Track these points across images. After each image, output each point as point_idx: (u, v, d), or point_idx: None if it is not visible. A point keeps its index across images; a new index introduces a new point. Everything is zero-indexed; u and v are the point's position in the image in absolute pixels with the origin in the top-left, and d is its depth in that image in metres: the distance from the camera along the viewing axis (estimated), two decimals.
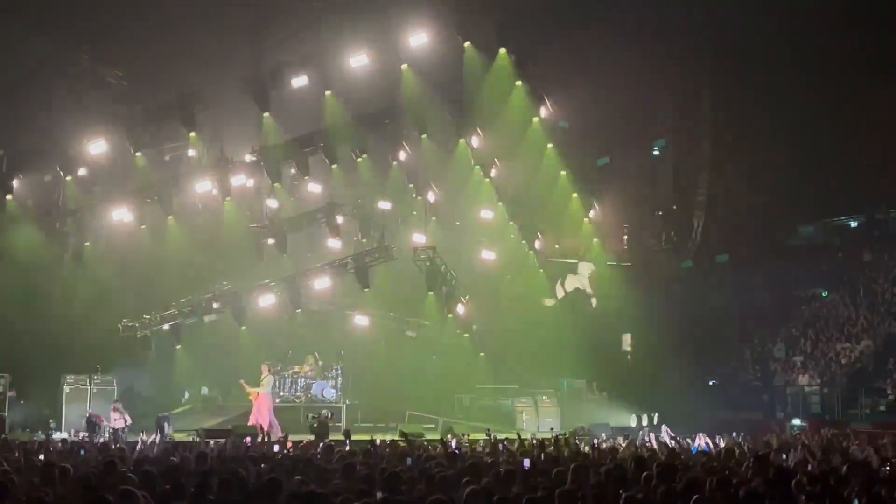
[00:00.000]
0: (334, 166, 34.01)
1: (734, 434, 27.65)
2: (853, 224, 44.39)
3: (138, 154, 32.16)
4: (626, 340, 42.24)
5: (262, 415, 28.02)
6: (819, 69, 35.90)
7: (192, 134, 32.16)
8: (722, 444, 24.82)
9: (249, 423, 27.48)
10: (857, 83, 36.55)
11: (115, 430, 26.27)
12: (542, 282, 39.91)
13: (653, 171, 40.75)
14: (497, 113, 35.31)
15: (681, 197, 40.21)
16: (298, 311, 33.07)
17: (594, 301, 41.66)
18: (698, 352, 38.86)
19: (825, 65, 35.73)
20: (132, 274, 32.54)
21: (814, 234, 44.36)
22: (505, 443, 20.97)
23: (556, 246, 39.28)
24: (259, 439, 22.96)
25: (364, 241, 35.55)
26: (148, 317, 31.87)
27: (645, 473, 11.39)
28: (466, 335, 36.89)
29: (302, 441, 22.58)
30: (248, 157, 32.96)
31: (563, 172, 36.89)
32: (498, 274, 38.58)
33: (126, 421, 27.18)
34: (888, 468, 14.44)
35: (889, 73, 36.03)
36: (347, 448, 18.74)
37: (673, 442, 25.17)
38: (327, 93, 32.81)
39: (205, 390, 34.00)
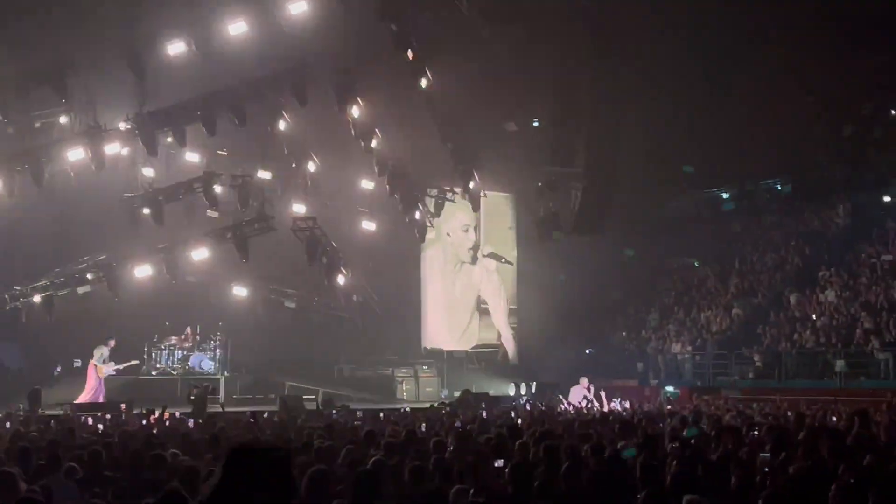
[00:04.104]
0: (213, 136, 33.46)
1: (615, 400, 28.44)
2: (725, 195, 45.67)
3: (6, 121, 31.14)
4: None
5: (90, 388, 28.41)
6: (692, 44, 36.68)
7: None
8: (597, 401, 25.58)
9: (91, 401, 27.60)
10: (727, 59, 37.46)
11: None
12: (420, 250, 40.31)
13: (533, 143, 41.13)
14: (379, 83, 35.18)
15: (560, 169, 40.71)
16: (175, 282, 32.57)
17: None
18: (576, 321, 39.58)
19: (698, 39, 36.51)
20: (0, 245, 31.64)
21: (686, 206, 45.48)
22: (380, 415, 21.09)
23: (436, 219, 39.45)
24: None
25: (243, 211, 35.13)
26: (18, 288, 31.02)
27: (519, 441, 11.63)
28: (347, 305, 36.90)
29: (176, 413, 22.40)
30: (123, 126, 32.19)
31: (449, 145, 37.09)
32: (379, 245, 38.62)
33: None
34: (756, 432, 14.97)
35: (759, 47, 37.04)
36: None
37: (591, 402, 25.92)
38: (205, 60, 32.20)
39: (77, 363, 33.31)
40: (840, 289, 34.82)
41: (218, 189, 34.11)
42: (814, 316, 34.16)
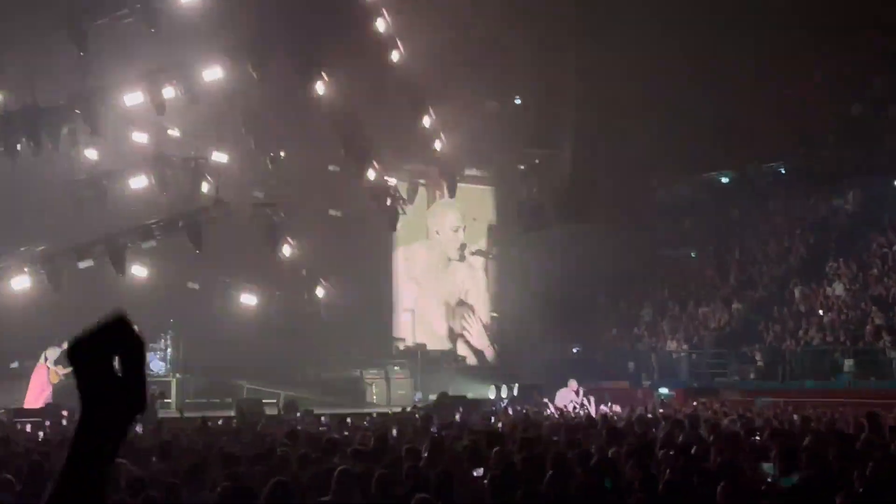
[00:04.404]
0: (162, 114, 33.26)
1: (603, 404, 28.55)
2: (724, 179, 45.84)
3: None
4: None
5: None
6: (690, 15, 36.78)
7: None
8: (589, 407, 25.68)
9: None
10: (727, 30, 37.61)
11: None
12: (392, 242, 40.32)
13: (515, 123, 41.15)
14: (346, 56, 35.09)
15: (545, 152, 40.80)
16: (122, 275, 32.38)
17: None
18: (562, 318, 39.65)
19: (696, 10, 36.61)
20: None
21: (682, 191, 45.64)
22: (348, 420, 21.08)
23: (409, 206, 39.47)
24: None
25: (197, 197, 34.97)
26: None
27: (496, 449, 11.66)
28: (311, 300, 36.83)
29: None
30: (64, 103, 31.95)
31: (426, 117, 37.07)
32: (347, 233, 38.56)
33: None
34: (757, 438, 15.06)
35: (761, 19, 37.20)
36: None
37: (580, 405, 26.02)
38: (153, 31, 32.00)
39: (15, 364, 33.08)
40: (849, 281, 35.03)
41: (169, 172, 33.94)
42: (820, 311, 34.36)
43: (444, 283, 41.92)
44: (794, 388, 30.76)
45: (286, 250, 34.53)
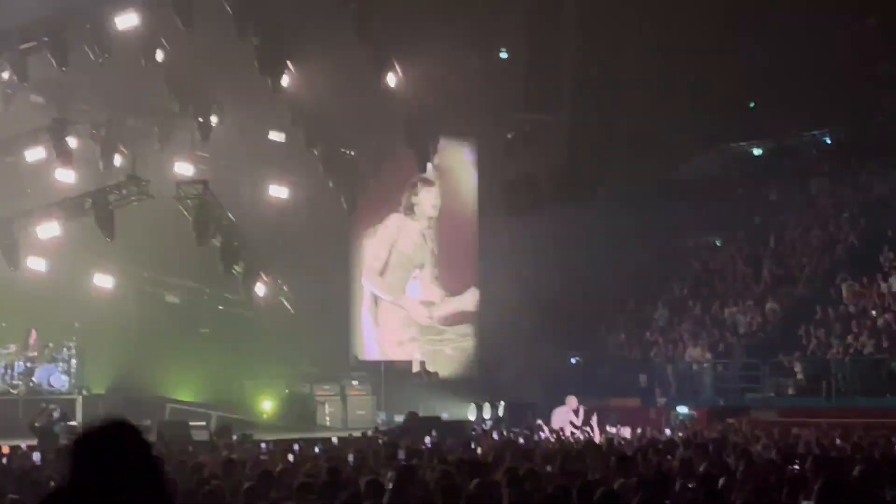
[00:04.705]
0: (65, 69, 33.11)
1: (609, 425, 28.67)
2: (756, 152, 45.93)
3: None
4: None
5: None
6: None
7: None
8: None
9: None
10: None
11: None
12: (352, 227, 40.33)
13: (501, 82, 41.11)
14: (293, 1, 35.10)
15: (538, 117, 40.76)
16: (14, 269, 32.26)
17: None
18: (559, 320, 39.69)
19: None
20: None
21: (706, 166, 45.70)
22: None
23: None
24: None
25: (108, 172, 34.85)
26: None
27: (477, 482, 11.64)
28: (250, 300, 36.79)
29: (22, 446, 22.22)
30: None
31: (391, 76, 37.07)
32: (293, 217, 38.50)
33: None
34: (797, 467, 15.10)
35: None
36: None
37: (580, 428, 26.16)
38: None
39: None
40: None
41: (73, 142, 33.78)
42: (874, 312, 34.48)
43: (420, 280, 41.86)
44: (843, 407, 30.88)
45: (218, 239, 34.42)
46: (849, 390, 32.42)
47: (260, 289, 36.36)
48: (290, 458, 19.83)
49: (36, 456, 20.30)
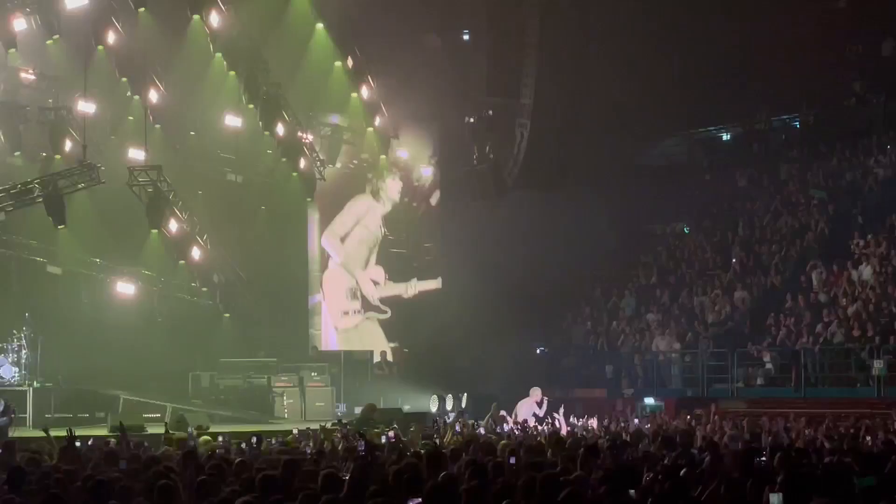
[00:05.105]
0: (12, 50, 32.96)
1: (576, 417, 28.75)
2: (725, 137, 46.06)
3: None
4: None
5: None
6: None
7: None
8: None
9: None
10: None
11: None
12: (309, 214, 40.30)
13: (463, 64, 41.12)
14: None
15: (501, 101, 40.76)
16: None
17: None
18: (522, 309, 39.71)
19: None
20: None
21: (674, 151, 45.83)
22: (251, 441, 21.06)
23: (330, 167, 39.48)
24: None
25: (57, 157, 34.68)
26: None
27: (445, 474, 11.72)
28: (205, 289, 36.69)
29: None
30: None
31: (337, 64, 37.06)
32: (250, 202, 38.45)
33: None
34: (763, 459, 15.20)
35: None
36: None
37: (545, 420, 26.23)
38: None
39: None
40: (879, 263, 35.36)
41: (21, 126, 33.61)
42: (844, 300, 34.68)
43: (376, 266, 41.91)
44: (812, 397, 31.08)
45: (173, 226, 34.33)
46: (818, 380, 32.64)
47: (216, 277, 36.30)
48: (247, 450, 19.85)
49: None
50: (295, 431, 25.39)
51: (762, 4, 38.41)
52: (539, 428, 27.08)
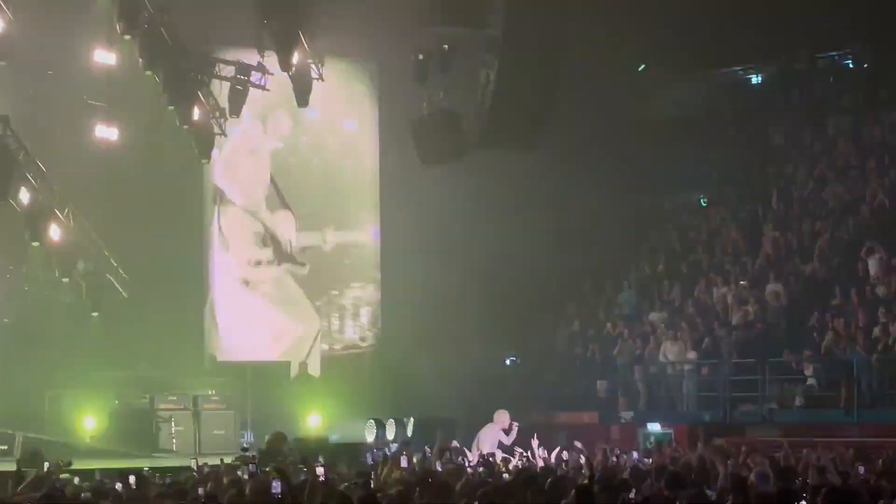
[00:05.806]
0: None
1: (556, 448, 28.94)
2: (755, 79, 46.29)
3: None
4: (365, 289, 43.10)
5: None
6: None
7: None
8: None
9: None
10: None
11: None
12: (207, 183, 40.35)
13: None
14: None
15: (459, 32, 40.81)
16: None
17: None
18: (489, 308, 39.87)
19: None
20: None
21: (686, 99, 45.94)
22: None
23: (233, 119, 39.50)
24: None
25: None
26: None
27: None
28: (66, 280, 36.65)
29: None
30: None
31: None
32: (127, 168, 38.39)
33: None
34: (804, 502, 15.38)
35: None
36: None
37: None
38: None
39: None
40: None
41: None
42: None
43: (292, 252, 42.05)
44: (867, 421, 31.29)
45: (24, 195, 34.24)
46: (874, 401, 32.81)
47: (81, 265, 36.24)
48: (124, 494, 19.85)
49: None
50: (194, 467, 25.41)
51: None
52: (510, 462, 27.17)
